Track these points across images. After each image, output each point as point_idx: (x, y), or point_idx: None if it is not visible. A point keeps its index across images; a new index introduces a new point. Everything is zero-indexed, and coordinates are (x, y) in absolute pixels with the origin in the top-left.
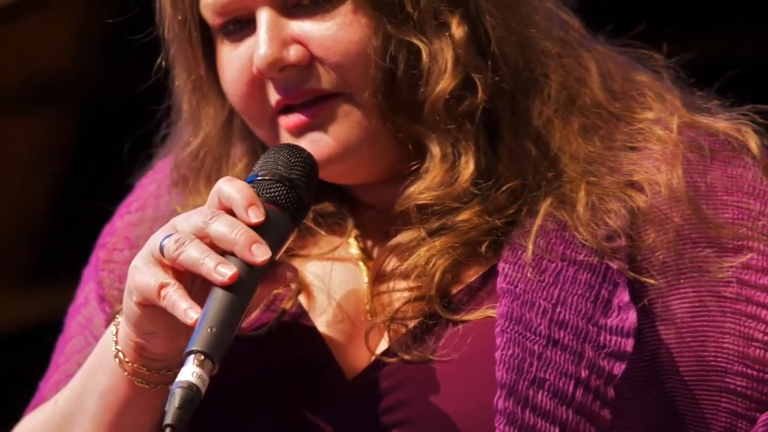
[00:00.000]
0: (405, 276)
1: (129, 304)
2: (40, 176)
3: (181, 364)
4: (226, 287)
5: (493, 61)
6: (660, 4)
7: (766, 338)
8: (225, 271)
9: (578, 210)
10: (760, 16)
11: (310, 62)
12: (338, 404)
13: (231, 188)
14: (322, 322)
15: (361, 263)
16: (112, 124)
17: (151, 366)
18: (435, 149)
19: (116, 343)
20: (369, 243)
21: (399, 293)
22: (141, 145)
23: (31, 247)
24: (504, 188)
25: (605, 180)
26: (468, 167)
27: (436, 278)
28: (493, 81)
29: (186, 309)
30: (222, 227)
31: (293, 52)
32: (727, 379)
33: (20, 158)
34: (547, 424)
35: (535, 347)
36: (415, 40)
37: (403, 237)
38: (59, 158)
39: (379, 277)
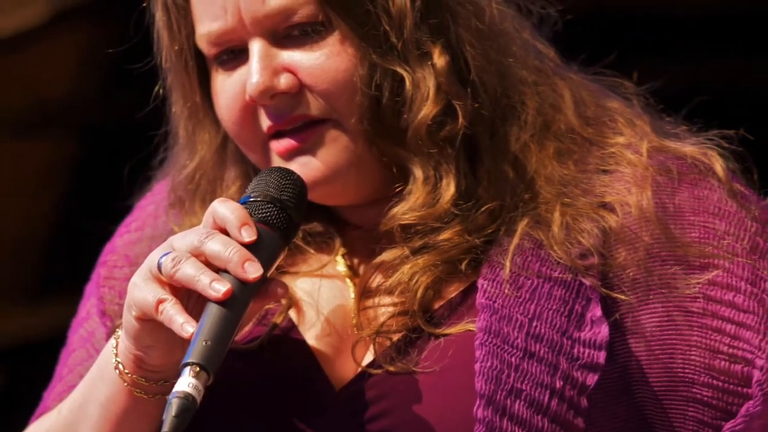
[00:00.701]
0: (389, 292)
1: (128, 318)
2: (44, 197)
3: (177, 375)
4: (220, 303)
5: (473, 88)
6: (630, 35)
7: (730, 351)
8: (219, 288)
9: (553, 230)
10: (723, 48)
11: (300, 90)
12: (327, 413)
13: (225, 209)
14: (311, 335)
15: (348, 280)
16: (112, 148)
17: (150, 377)
18: (418, 172)
19: (116, 355)
20: (355, 261)
21: (384, 308)
22: (140, 168)
23: (37, 264)
24: (483, 209)
25: (579, 201)
26: (449, 189)
27: (419, 294)
28: (472, 108)
29: (182, 323)
30: (216, 246)
31: (284, 81)
32: (694, 390)
33: (26, 180)
34: None
35: (513, 359)
36: (399, 69)
37: (387, 255)
38: (63, 180)
39: (365, 293)
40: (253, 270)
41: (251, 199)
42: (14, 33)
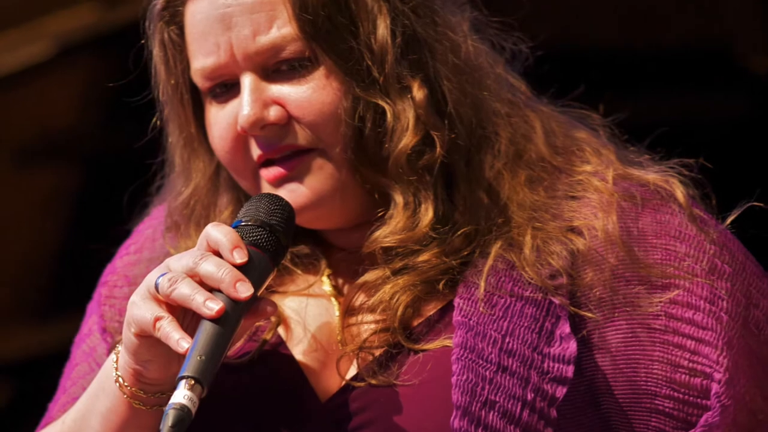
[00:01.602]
0: (372, 310)
1: (128, 335)
2: (49, 222)
3: (174, 387)
4: (213, 320)
5: (450, 120)
6: (597, 70)
7: (690, 365)
8: (213, 306)
9: (525, 252)
10: (682, 83)
11: (288, 121)
12: (312, 423)
13: (218, 232)
14: (299, 351)
15: (333, 299)
16: (113, 175)
17: (148, 390)
18: (398, 198)
19: (116, 369)
20: (340, 281)
21: (366, 325)
22: (138, 195)
23: (43, 285)
24: (459, 232)
25: (549, 225)
26: (427, 214)
27: (399, 312)
28: (449, 138)
29: (178, 339)
30: (210, 267)
31: (273, 113)
32: (657, 401)
33: (32, 206)
34: None
35: (487, 373)
36: (381, 102)
37: (370, 276)
38: (66, 206)
39: (348, 311)
40: (244, 290)
41: (242, 224)
42: (21, 68)
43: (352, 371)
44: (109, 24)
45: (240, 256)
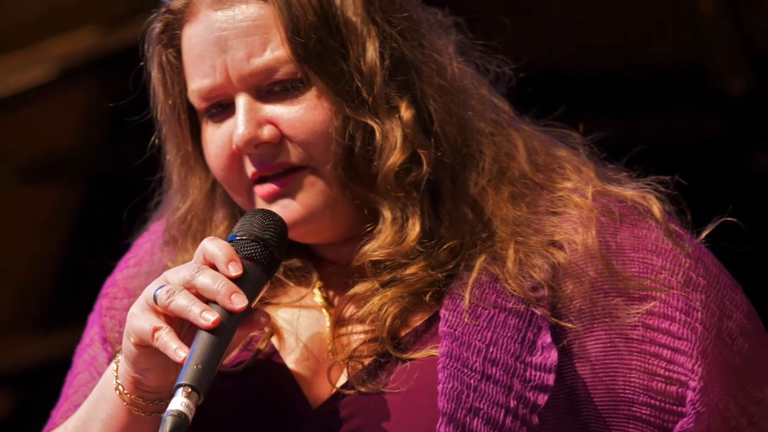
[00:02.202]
0: (361, 321)
1: (127, 344)
2: (52, 236)
3: (171, 395)
4: (209, 330)
5: (436, 139)
6: (577, 91)
7: (666, 373)
8: (209, 317)
9: (508, 265)
10: (659, 103)
11: (281, 140)
12: (304, 430)
13: (214, 247)
14: (291, 360)
15: (324, 310)
16: (113, 192)
17: (147, 397)
18: (386, 213)
19: (117, 377)
20: (330, 293)
21: (356, 335)
22: (138, 210)
23: (46, 297)
24: (445, 246)
25: (531, 240)
26: (414, 229)
27: (388, 323)
28: (436, 156)
29: (176, 349)
30: (206, 279)
31: (266, 132)
32: (634, 408)
33: (36, 221)
34: None
35: (472, 381)
36: (370, 121)
37: (359, 288)
38: (69, 221)
39: (339, 321)
40: (239, 301)
41: (237, 238)
42: (25, 90)
43: (343, 379)
44: (109, 47)
45: (235, 269)
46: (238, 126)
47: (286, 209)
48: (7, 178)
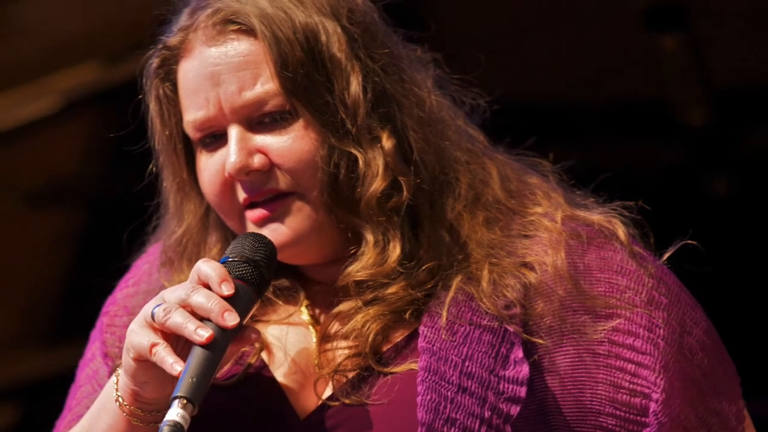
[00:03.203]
0: (345, 337)
1: (127, 359)
2: (56, 258)
3: (168, 406)
4: (204, 346)
5: (416, 167)
6: (547, 122)
7: (631, 386)
8: (203, 333)
9: (482, 285)
10: (625, 134)
11: (270, 168)
12: None
13: (208, 267)
14: (280, 373)
15: (310, 327)
16: (114, 217)
17: (145, 408)
18: (369, 237)
19: (117, 390)
20: (317, 311)
21: (341, 351)
22: (137, 234)
23: (51, 315)
24: (424, 267)
25: (504, 261)
26: (395, 251)
27: (370, 339)
28: (415, 183)
29: (172, 363)
30: (201, 298)
31: (257, 160)
32: (601, 419)
33: (41, 244)
34: None
35: (449, 393)
36: (353, 150)
37: (343, 306)
38: (72, 244)
39: (324, 338)
40: (231, 319)
41: (230, 260)
42: (31, 121)
43: (328, 392)
44: (110, 81)
45: (227, 289)
46: (230, 155)
47: (276, 232)
48: (14, 204)
